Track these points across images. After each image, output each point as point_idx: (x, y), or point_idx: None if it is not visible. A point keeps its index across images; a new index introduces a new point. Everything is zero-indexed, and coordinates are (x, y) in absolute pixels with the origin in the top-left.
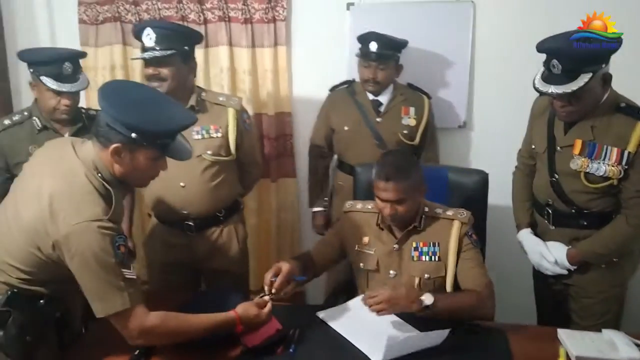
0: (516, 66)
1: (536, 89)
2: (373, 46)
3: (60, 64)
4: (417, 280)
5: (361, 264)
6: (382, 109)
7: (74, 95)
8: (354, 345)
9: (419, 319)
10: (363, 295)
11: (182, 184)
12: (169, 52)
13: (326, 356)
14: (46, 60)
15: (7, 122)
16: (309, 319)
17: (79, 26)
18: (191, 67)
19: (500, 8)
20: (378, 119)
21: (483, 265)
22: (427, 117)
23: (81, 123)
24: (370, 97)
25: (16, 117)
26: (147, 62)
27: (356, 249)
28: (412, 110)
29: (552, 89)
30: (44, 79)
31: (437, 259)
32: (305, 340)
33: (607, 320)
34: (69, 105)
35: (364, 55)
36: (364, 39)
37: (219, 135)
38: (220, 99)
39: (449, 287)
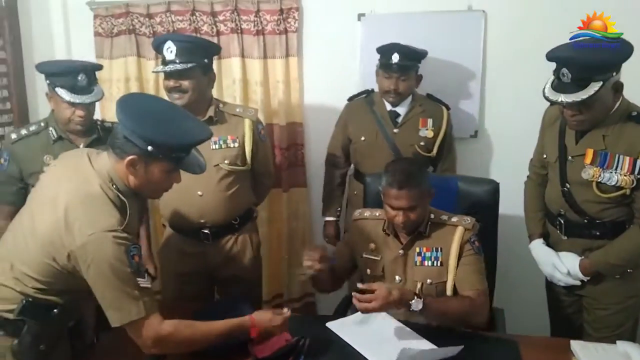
0: (527, 75)
1: (546, 98)
2: (395, 57)
3: (75, 76)
4: (419, 285)
5: (368, 271)
6: (399, 120)
7: (88, 107)
8: (363, 356)
9: (430, 330)
10: (356, 293)
11: (199, 193)
12: (190, 64)
13: None
14: (61, 71)
15: (23, 132)
16: (318, 329)
17: (94, 39)
18: (210, 79)
19: (511, 17)
20: (395, 130)
21: (482, 272)
22: (446, 128)
23: (96, 134)
24: (388, 107)
25: (33, 128)
26: (168, 75)
27: (364, 255)
28: (430, 121)
29: (562, 97)
30: (59, 90)
31: (439, 264)
32: (315, 351)
33: (622, 332)
34: (82, 116)
35: (386, 66)
36: (386, 50)
37: (236, 145)
38: (238, 110)
39: (449, 293)
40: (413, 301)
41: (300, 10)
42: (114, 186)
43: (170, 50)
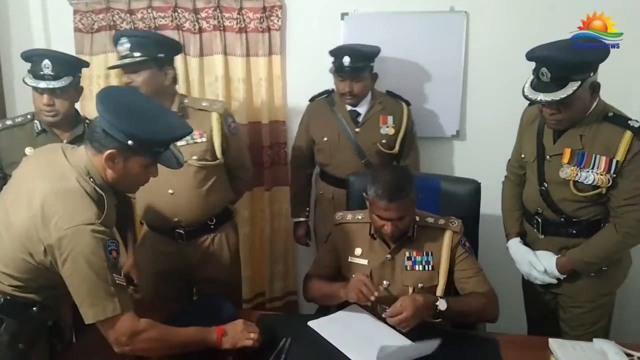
0: (509, 76)
1: (525, 97)
2: (346, 60)
3: (39, 62)
4: (410, 290)
5: (354, 275)
6: (360, 119)
7: (57, 97)
8: (345, 355)
9: (412, 330)
10: (385, 312)
11: (170, 191)
12: (139, 58)
13: None
14: (27, 56)
15: (8, 122)
16: (300, 328)
17: (74, 34)
18: (168, 74)
19: (493, 18)
20: (357, 129)
21: (481, 271)
22: (407, 124)
23: (82, 131)
24: (349, 107)
25: (19, 119)
26: (123, 70)
27: (349, 260)
28: (390, 119)
29: (541, 96)
30: (25, 76)
31: (430, 268)
32: (297, 350)
33: (596, 329)
34: (48, 104)
35: (338, 69)
36: (337, 54)
37: (204, 140)
38: (203, 104)
39: (439, 295)
40: (438, 302)
41: (284, 8)
42: (92, 180)
43: (124, 45)
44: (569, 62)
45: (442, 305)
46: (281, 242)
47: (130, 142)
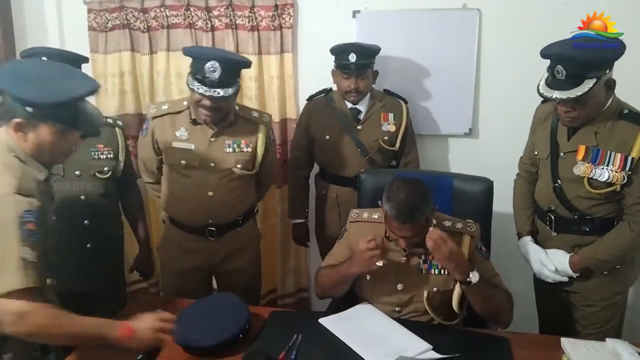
0: (522, 73)
1: (540, 95)
2: (352, 57)
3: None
4: (425, 294)
5: (368, 276)
6: (361, 116)
7: None
8: (356, 353)
9: (423, 328)
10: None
11: (210, 193)
12: (231, 90)
13: None
14: (27, 55)
15: None
16: (311, 325)
17: (88, 33)
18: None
19: (506, 15)
20: (359, 127)
21: (498, 275)
22: (406, 121)
23: None
24: (349, 105)
25: None
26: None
27: None
28: (391, 116)
29: (557, 94)
30: None
31: (446, 272)
32: (308, 347)
33: (609, 328)
34: None
35: (343, 66)
36: (342, 51)
37: (249, 150)
38: (254, 114)
39: (455, 300)
40: (472, 272)
41: (295, 6)
42: (12, 153)
43: (214, 70)
44: (584, 60)
45: (474, 277)
46: (292, 239)
47: (28, 109)
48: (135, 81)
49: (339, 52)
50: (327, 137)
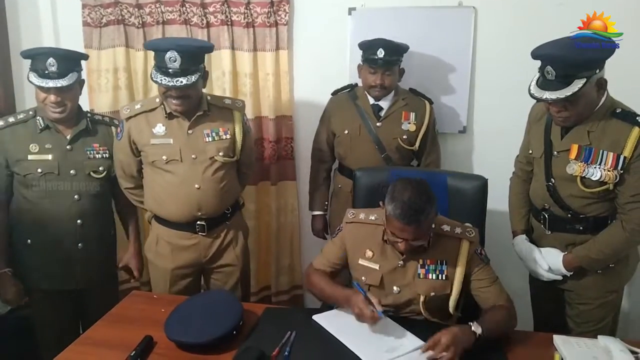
0: (517, 72)
1: (531, 95)
2: (380, 52)
3: (43, 60)
4: (422, 298)
5: (364, 278)
6: (382, 113)
7: (63, 93)
8: (349, 350)
9: (416, 324)
10: (423, 346)
11: (197, 185)
12: (194, 76)
13: None
14: (30, 55)
15: (11, 119)
16: (305, 322)
17: (82, 29)
18: (205, 79)
19: (501, 13)
20: (378, 124)
21: (498, 280)
22: (428, 122)
23: (84, 126)
24: (372, 101)
25: (21, 116)
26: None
27: (359, 262)
28: (412, 115)
29: (547, 94)
30: (30, 74)
31: (444, 277)
32: (301, 344)
33: (602, 326)
34: (55, 102)
35: (371, 61)
36: (371, 46)
37: (228, 137)
38: (226, 102)
39: (452, 304)
40: (474, 328)
41: (291, 3)
42: None
43: (173, 59)
44: (573, 60)
45: (476, 328)
46: (287, 237)
47: None
48: (129, 77)
49: (367, 46)
50: (346, 131)
